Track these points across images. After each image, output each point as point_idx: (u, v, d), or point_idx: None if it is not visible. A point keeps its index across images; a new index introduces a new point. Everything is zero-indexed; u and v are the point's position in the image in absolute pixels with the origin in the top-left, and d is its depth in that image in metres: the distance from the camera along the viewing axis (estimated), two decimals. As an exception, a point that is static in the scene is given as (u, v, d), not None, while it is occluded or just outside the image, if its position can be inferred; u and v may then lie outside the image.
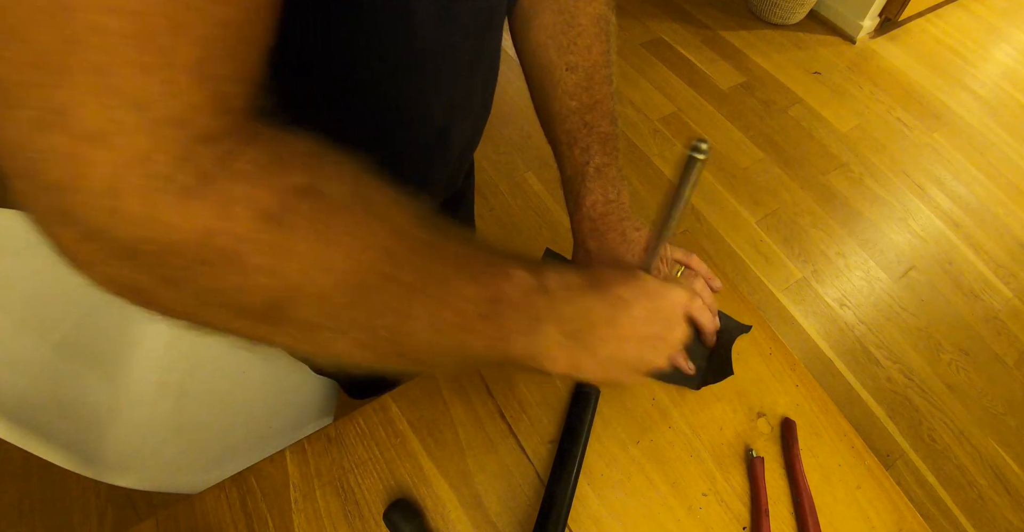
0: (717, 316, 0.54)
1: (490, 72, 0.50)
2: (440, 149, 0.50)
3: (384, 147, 0.45)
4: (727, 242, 1.66)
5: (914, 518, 0.49)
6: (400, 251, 0.25)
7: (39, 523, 1.12)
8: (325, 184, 0.23)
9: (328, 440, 0.49)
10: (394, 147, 0.46)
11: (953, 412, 1.42)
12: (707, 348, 0.54)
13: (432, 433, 0.50)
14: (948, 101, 2.06)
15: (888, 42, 2.24)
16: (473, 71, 0.45)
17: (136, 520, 1.13)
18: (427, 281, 0.26)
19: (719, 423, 0.52)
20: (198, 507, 0.46)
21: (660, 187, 1.75)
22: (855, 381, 1.45)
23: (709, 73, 2.06)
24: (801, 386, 0.55)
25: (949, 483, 1.33)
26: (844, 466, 0.51)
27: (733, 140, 1.88)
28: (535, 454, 0.50)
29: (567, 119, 0.51)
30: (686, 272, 0.53)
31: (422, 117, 0.45)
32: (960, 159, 1.91)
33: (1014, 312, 1.59)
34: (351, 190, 0.24)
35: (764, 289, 1.58)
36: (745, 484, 0.49)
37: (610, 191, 0.51)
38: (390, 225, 0.25)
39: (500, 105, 1.88)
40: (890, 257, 1.67)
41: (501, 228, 1.62)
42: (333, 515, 0.46)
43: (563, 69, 0.50)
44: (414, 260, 0.25)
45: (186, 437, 0.73)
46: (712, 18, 2.25)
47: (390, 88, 0.40)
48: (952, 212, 1.78)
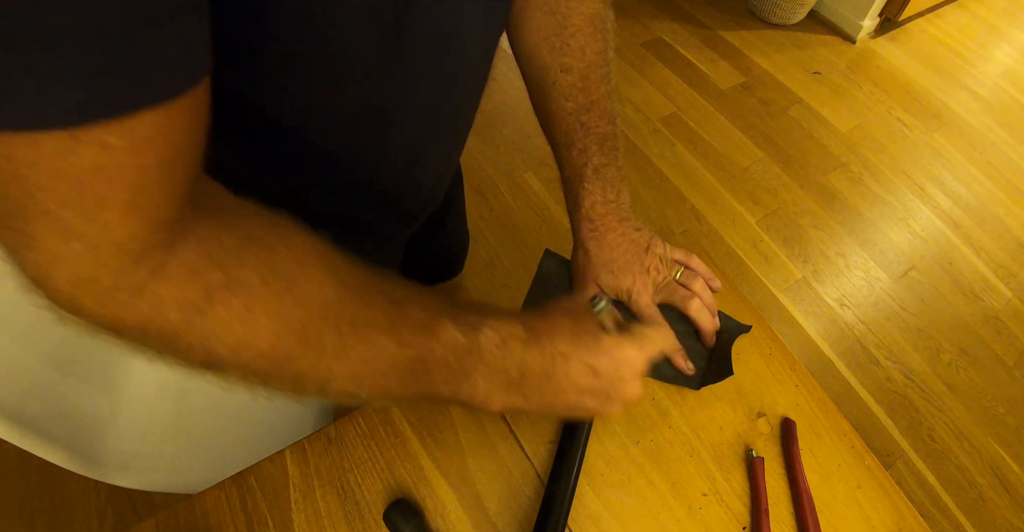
0: (717, 316, 0.54)
1: (462, 105, 0.48)
2: (408, 181, 0.50)
3: (347, 184, 0.45)
4: (727, 242, 1.66)
5: (914, 518, 0.49)
6: (323, 324, 0.29)
7: (39, 523, 1.12)
8: (249, 274, 0.27)
9: (328, 440, 0.49)
10: (358, 183, 0.46)
11: (953, 412, 1.42)
12: (707, 348, 0.54)
13: (432, 433, 0.50)
14: (948, 101, 2.06)
15: (888, 42, 2.24)
16: (436, 110, 0.43)
17: (136, 520, 1.13)
18: (349, 347, 0.30)
19: (719, 423, 0.52)
20: (198, 507, 0.46)
21: (660, 187, 1.75)
22: (855, 381, 1.45)
23: (709, 73, 2.06)
24: (801, 386, 0.55)
25: (949, 483, 1.33)
26: (844, 466, 0.51)
27: (733, 140, 1.88)
28: (535, 454, 0.50)
29: (564, 121, 0.51)
30: (685, 272, 0.53)
31: (383, 156, 0.44)
32: (960, 159, 1.91)
33: (1014, 312, 1.59)
34: (275, 275, 0.28)
35: (764, 289, 1.58)
36: (745, 484, 0.49)
37: (609, 192, 0.51)
38: (315, 302, 0.29)
39: (500, 105, 1.88)
40: (890, 257, 1.67)
41: (501, 228, 1.62)
42: (333, 515, 0.46)
43: (558, 71, 0.50)
44: (339, 328, 0.30)
45: (186, 437, 0.73)
46: (712, 18, 2.25)
47: (340, 137, 0.39)
48: (952, 212, 1.78)
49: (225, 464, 0.68)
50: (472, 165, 1.72)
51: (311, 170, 0.42)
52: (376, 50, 0.33)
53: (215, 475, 0.49)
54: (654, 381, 0.53)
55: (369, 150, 0.42)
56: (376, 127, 0.40)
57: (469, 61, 0.42)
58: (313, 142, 0.39)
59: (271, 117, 0.35)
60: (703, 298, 0.53)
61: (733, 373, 0.51)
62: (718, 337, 0.54)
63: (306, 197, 0.43)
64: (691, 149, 1.85)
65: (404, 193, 0.51)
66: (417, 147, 0.46)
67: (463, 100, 0.47)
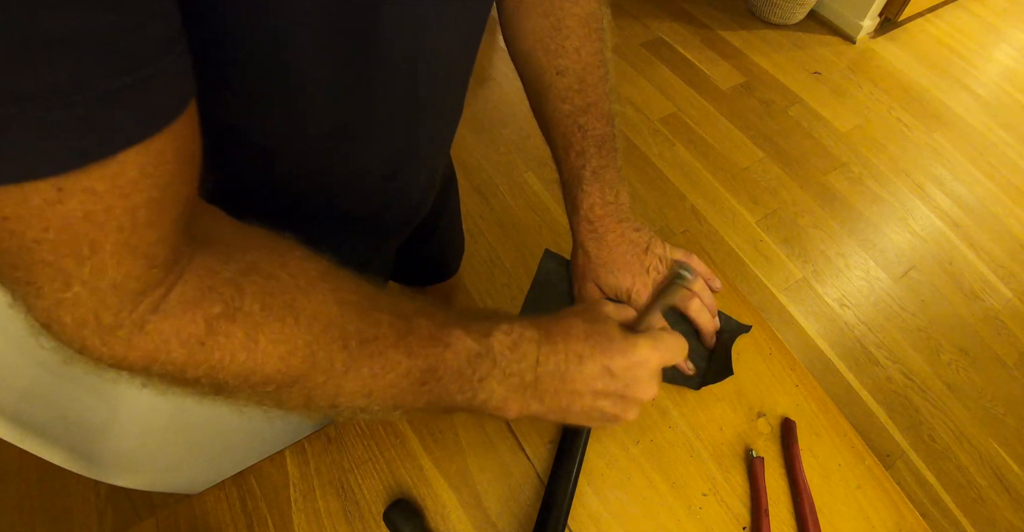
0: (717, 316, 0.54)
1: (437, 119, 0.47)
2: (390, 192, 0.50)
3: (329, 196, 0.45)
4: (727, 242, 1.66)
5: (914, 518, 0.49)
6: (330, 344, 0.29)
7: (39, 523, 1.12)
8: (249, 302, 0.27)
9: (328, 440, 0.49)
10: (340, 195, 0.46)
11: (953, 412, 1.42)
12: (707, 348, 0.54)
13: (432, 433, 0.50)
14: (948, 101, 2.06)
15: (888, 42, 2.24)
16: (409, 126, 0.43)
17: (136, 520, 1.13)
18: (359, 363, 0.30)
19: (719, 423, 0.52)
20: (198, 507, 0.47)
21: (660, 187, 1.75)
22: (855, 381, 1.45)
23: (709, 73, 2.06)
24: (801, 386, 0.55)
25: (949, 483, 1.33)
26: (844, 466, 0.51)
27: (733, 140, 1.88)
28: (535, 454, 0.50)
29: (561, 123, 0.51)
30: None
31: (359, 171, 0.44)
32: (960, 159, 1.91)
33: (1014, 312, 1.59)
34: (276, 301, 0.28)
35: (764, 289, 1.58)
36: (745, 484, 0.49)
37: (608, 193, 0.51)
38: (319, 323, 0.29)
39: (500, 105, 1.88)
40: (890, 257, 1.67)
41: (501, 228, 1.62)
42: (333, 515, 0.46)
43: (553, 73, 0.50)
44: (347, 345, 0.30)
45: (186, 437, 0.73)
46: (712, 18, 2.25)
47: (313, 154, 0.39)
48: (952, 212, 1.78)
49: (225, 464, 0.68)
50: (472, 165, 1.72)
51: (292, 181, 0.42)
52: (339, 76, 0.33)
53: (215, 475, 0.49)
54: (654, 381, 0.53)
55: (345, 164, 0.42)
56: (347, 144, 0.40)
57: (442, 80, 0.42)
58: (288, 157, 0.39)
59: (243, 137, 0.35)
60: (703, 298, 0.52)
61: (733, 373, 0.51)
62: (718, 337, 0.54)
63: (291, 206, 0.43)
64: (691, 149, 1.85)
65: (389, 203, 0.52)
66: (394, 161, 0.46)
67: (437, 115, 0.47)
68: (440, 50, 0.38)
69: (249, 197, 0.37)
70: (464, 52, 0.43)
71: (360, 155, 0.42)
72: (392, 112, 0.40)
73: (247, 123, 0.34)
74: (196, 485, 0.59)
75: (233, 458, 0.68)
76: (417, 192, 0.54)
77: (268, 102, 0.33)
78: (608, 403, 0.38)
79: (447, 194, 0.76)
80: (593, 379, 0.37)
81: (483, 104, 1.88)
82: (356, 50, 0.32)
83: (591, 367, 0.37)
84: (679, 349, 0.41)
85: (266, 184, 0.41)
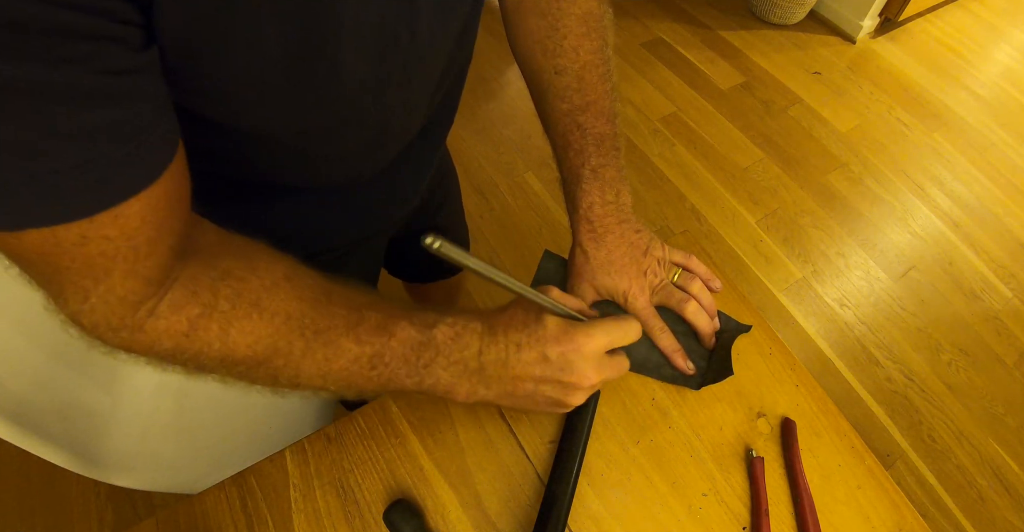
0: (717, 317, 0.54)
1: (418, 119, 0.47)
2: (380, 185, 0.51)
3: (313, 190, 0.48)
4: (727, 242, 1.66)
5: (914, 518, 0.49)
6: (289, 334, 0.35)
7: (39, 523, 1.12)
8: (222, 303, 0.33)
9: (328, 440, 0.49)
10: (327, 189, 0.49)
11: (953, 412, 1.42)
12: (707, 348, 0.54)
13: (432, 433, 0.50)
14: (948, 101, 2.06)
15: (888, 42, 2.24)
16: (384, 128, 0.43)
17: (136, 520, 1.13)
18: (314, 349, 0.36)
19: (719, 423, 0.52)
20: (198, 507, 0.47)
21: (660, 187, 1.75)
22: (855, 381, 1.45)
23: (709, 73, 2.06)
24: (801, 386, 0.55)
25: (949, 483, 1.33)
26: (844, 466, 0.51)
27: (733, 140, 1.88)
28: (535, 454, 0.50)
29: (560, 122, 0.51)
30: (683, 274, 0.53)
31: (339, 167, 0.46)
32: (960, 159, 1.91)
33: (1014, 312, 1.59)
34: (244, 300, 0.34)
35: (764, 289, 1.58)
36: (745, 484, 0.49)
37: (608, 192, 0.50)
38: (280, 317, 0.35)
39: (500, 105, 1.88)
40: (890, 257, 1.67)
41: (501, 228, 1.62)
42: (333, 515, 0.46)
43: (552, 73, 0.50)
44: (304, 334, 0.36)
45: (186, 437, 0.73)
46: (712, 18, 2.25)
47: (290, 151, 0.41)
48: (952, 212, 1.78)
49: (225, 464, 0.68)
50: (472, 165, 1.72)
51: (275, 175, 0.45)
52: (302, 91, 0.33)
53: (215, 475, 0.49)
54: (654, 381, 0.53)
55: (326, 161, 0.44)
56: (319, 146, 0.41)
57: (419, 86, 0.42)
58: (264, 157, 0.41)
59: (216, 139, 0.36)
60: (702, 300, 0.52)
61: (733, 373, 0.51)
62: (718, 337, 0.54)
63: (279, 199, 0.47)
64: (691, 149, 1.85)
65: (380, 196, 0.54)
66: (376, 158, 0.47)
67: (418, 116, 0.47)
68: (418, 65, 0.39)
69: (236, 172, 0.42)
70: (443, 47, 0.43)
71: (336, 154, 0.44)
72: (362, 118, 0.40)
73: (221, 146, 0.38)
74: (196, 485, 0.59)
75: (233, 458, 0.68)
76: (406, 183, 0.55)
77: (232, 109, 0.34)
78: (549, 388, 0.41)
79: (446, 189, 0.76)
80: (531, 365, 0.40)
81: (484, 104, 1.88)
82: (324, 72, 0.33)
83: (528, 354, 0.40)
84: (623, 332, 0.43)
85: (243, 163, 0.43)
